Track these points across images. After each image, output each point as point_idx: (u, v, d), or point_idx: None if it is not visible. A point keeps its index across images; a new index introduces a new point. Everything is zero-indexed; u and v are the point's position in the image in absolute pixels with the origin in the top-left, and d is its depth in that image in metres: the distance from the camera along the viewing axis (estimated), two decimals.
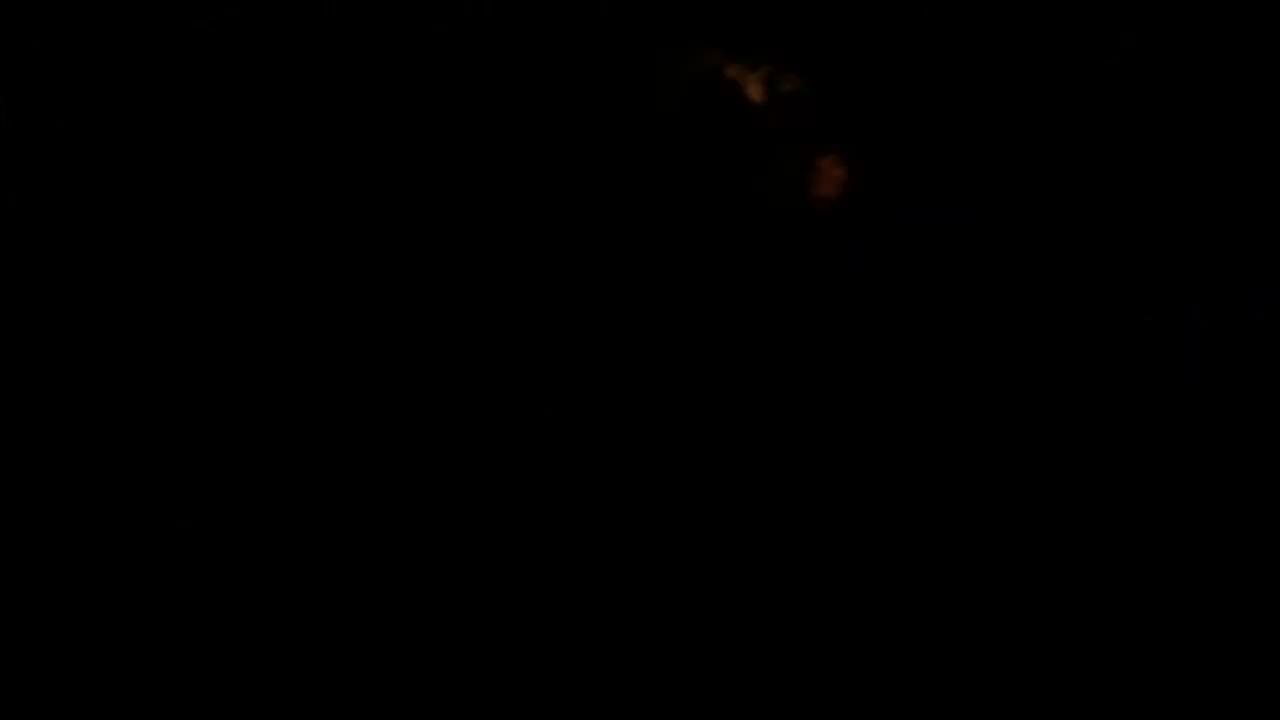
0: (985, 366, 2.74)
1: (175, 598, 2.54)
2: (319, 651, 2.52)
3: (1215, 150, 2.85)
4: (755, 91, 2.72)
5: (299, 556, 2.58)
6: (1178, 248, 2.80)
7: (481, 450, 2.66)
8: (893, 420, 2.70)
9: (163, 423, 2.66)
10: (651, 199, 2.70)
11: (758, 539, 2.62)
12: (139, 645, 2.51)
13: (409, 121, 2.81)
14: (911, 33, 2.88)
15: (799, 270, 2.71)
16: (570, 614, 2.56)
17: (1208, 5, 2.88)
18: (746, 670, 2.54)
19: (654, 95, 2.71)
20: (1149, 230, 2.82)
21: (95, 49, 2.79)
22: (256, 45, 2.82)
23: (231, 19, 2.81)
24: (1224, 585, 2.58)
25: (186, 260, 2.75)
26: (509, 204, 2.77)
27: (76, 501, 2.58)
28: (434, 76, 2.81)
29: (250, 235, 2.77)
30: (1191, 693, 2.52)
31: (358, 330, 2.73)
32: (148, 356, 2.70)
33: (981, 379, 2.73)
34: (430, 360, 2.71)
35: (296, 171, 2.79)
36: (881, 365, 2.73)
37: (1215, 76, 2.87)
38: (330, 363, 2.71)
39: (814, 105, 2.75)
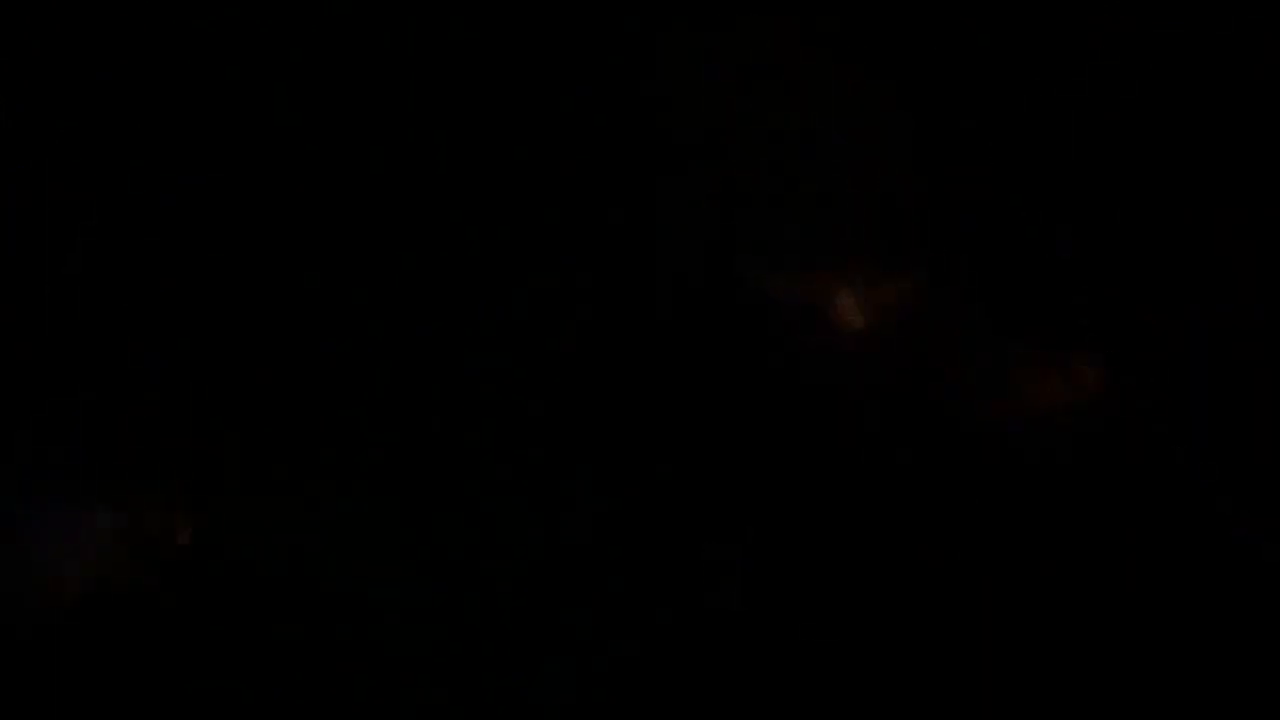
0: (984, 367, 2.74)
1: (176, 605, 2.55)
2: (320, 656, 2.53)
3: (1215, 150, 2.85)
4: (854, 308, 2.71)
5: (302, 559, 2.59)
6: (1178, 248, 2.80)
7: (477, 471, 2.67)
8: (893, 421, 2.70)
9: (164, 423, 2.66)
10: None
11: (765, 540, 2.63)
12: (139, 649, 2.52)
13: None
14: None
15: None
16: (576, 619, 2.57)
17: (1208, 5, 2.88)
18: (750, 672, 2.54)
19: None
20: (1149, 230, 2.82)
21: (95, 49, 2.79)
22: (256, 45, 2.82)
23: (231, 19, 2.81)
24: (1223, 589, 2.58)
25: (187, 260, 2.75)
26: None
27: (76, 503, 2.58)
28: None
29: (252, 236, 2.77)
30: (1191, 693, 2.52)
31: (358, 335, 2.73)
32: (148, 356, 2.70)
33: (981, 379, 2.73)
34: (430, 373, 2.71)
35: (300, 173, 2.80)
36: (881, 367, 2.73)
37: (1215, 76, 2.87)
38: (329, 364, 2.71)
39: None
